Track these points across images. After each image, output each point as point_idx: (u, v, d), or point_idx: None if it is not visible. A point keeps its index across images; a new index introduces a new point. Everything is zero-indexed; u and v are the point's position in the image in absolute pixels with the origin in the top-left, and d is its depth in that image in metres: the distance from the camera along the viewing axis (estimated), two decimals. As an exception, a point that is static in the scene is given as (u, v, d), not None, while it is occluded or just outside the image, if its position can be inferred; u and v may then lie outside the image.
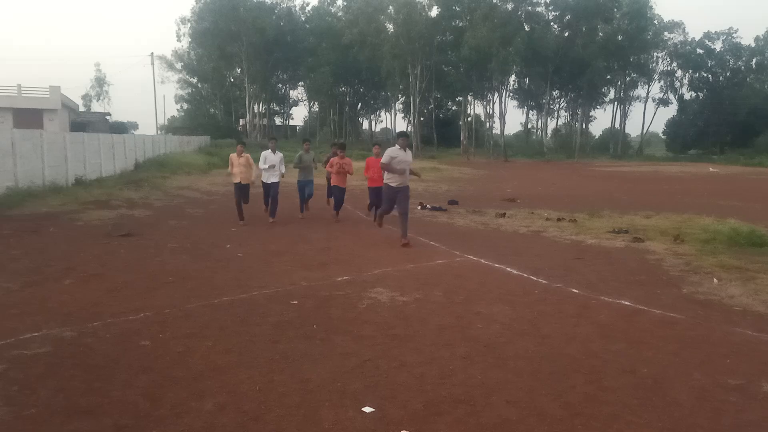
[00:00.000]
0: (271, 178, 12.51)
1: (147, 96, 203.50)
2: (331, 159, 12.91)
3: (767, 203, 18.74)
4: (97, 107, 69.66)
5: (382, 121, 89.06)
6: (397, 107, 77.61)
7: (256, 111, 70.52)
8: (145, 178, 21.29)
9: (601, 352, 4.99)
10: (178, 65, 75.33)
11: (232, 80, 74.40)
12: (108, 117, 58.47)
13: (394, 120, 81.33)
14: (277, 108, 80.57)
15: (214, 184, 22.08)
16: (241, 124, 72.79)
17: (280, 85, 77.51)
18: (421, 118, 68.30)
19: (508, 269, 8.23)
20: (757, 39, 74.71)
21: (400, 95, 71.58)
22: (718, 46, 75.07)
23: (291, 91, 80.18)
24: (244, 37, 61.86)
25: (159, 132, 60.63)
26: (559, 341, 5.26)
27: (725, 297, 6.83)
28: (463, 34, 59.69)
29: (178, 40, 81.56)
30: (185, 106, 79.56)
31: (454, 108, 76.91)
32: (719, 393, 4.16)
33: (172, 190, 19.15)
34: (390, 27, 61.09)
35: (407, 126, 71.03)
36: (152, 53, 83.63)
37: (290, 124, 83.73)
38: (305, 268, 8.09)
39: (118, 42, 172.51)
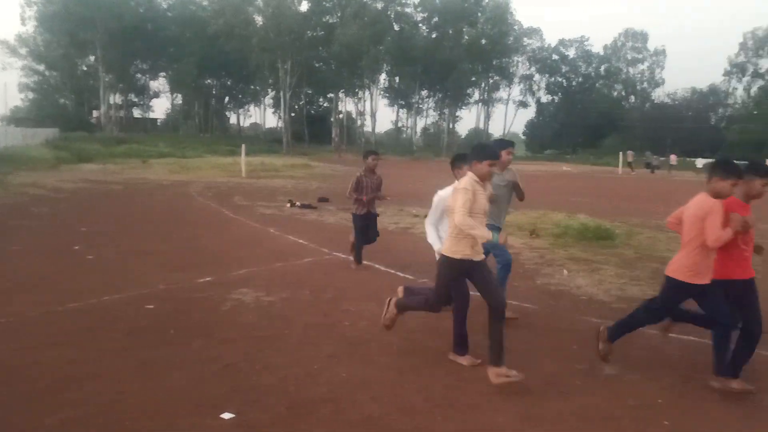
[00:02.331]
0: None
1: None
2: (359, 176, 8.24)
3: (612, 199, 20.57)
4: None
5: (251, 116, 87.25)
6: (266, 102, 76.33)
7: (111, 102, 65.89)
8: (-20, 174, 19.11)
9: (472, 344, 5.15)
10: (23, 51, 68.40)
11: (85, 69, 68.85)
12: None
13: (264, 115, 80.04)
14: (135, 99, 75.75)
15: (63, 181, 20.30)
16: (94, 115, 67.57)
17: (140, 75, 72.94)
18: (292, 114, 67.60)
19: (377, 266, 8.32)
20: (605, 47, 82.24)
21: (270, 90, 70.35)
22: (571, 52, 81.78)
23: (152, 82, 75.74)
24: (99, 24, 57.44)
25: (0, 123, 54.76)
26: (425, 335, 5.38)
27: (573, 287, 7.36)
28: (334, 30, 59.83)
29: (22, 24, 73.93)
30: (31, 95, 72.46)
31: (325, 104, 76.92)
32: (567, 377, 4.45)
33: (15, 188, 17.35)
34: (259, 19, 59.73)
35: (277, 122, 70.09)
36: (-9, 36, 75.32)
37: (150, 116, 79.17)
38: (164, 270, 7.64)
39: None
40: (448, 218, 4.57)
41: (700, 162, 49.83)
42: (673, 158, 44.48)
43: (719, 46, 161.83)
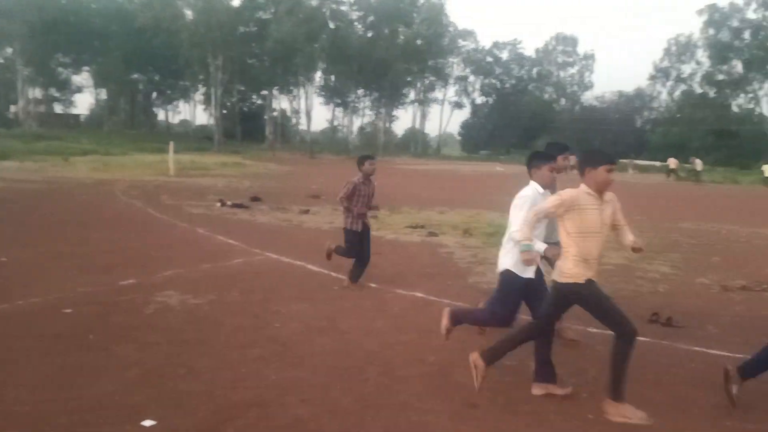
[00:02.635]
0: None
1: None
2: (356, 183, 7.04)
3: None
4: None
5: (180, 112, 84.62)
6: (197, 98, 74.33)
7: (30, 97, 62.50)
8: None
9: (394, 343, 5.15)
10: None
11: (2, 61, 65.05)
12: None
13: (194, 112, 77.96)
14: (57, 94, 72.10)
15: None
16: (12, 110, 63.96)
17: (61, 69, 69.46)
18: (224, 111, 66.14)
19: (309, 266, 8.21)
20: (537, 51, 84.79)
21: (200, 86, 68.53)
22: (504, 55, 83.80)
23: (74, 77, 72.24)
24: (17, 15, 54.26)
25: None
26: (356, 336, 5.33)
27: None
28: (268, 26, 58.94)
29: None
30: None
31: (259, 102, 75.66)
32: (498, 374, 4.50)
33: None
34: (189, 13, 58.07)
35: (208, 119, 68.44)
36: None
37: (73, 112, 75.53)
38: (85, 272, 7.28)
39: None
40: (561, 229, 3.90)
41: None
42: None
43: (645, 52, 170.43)
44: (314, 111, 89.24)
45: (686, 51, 72.52)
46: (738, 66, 65.43)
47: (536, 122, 76.57)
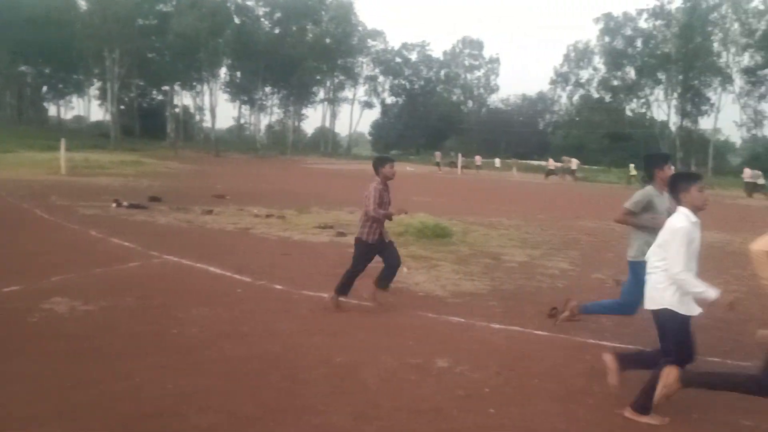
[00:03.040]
0: None
1: None
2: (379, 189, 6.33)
3: (450, 198, 21.64)
4: None
5: (73, 107, 79.61)
6: (92, 93, 70.35)
7: None
8: None
9: (299, 346, 5.04)
10: None
11: None
12: None
13: (89, 107, 73.69)
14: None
15: None
16: None
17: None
18: (122, 107, 62.93)
19: (211, 269, 7.90)
20: (445, 53, 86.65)
21: (95, 80, 64.86)
22: (413, 56, 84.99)
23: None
24: None
25: None
26: (260, 339, 5.17)
27: (412, 284, 7.54)
28: (169, 19, 56.66)
29: None
30: None
31: (160, 98, 72.54)
32: (402, 372, 4.50)
33: None
34: (83, 3, 54.77)
35: (104, 115, 64.90)
36: None
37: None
38: (-41, 280, 6.63)
39: None
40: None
41: (497, 161, 55.03)
42: (478, 159, 48.96)
43: (547, 57, 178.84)
44: (219, 108, 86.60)
45: (584, 57, 76.75)
46: (631, 72, 69.94)
47: (445, 123, 78.43)
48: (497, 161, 55.09)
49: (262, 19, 70.09)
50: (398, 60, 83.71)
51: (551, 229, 13.28)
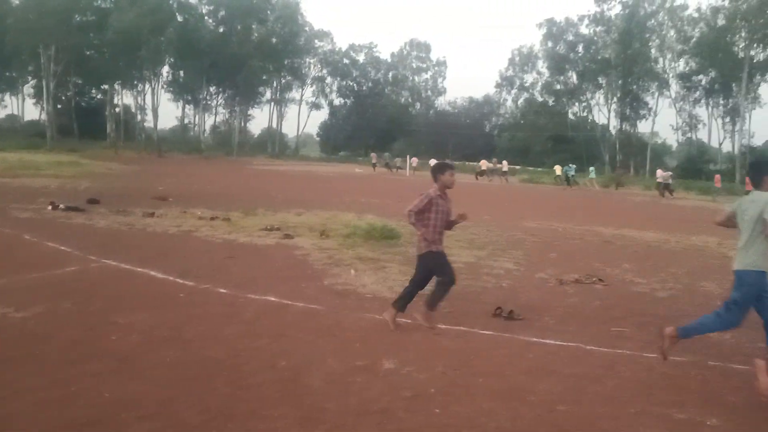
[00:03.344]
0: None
1: None
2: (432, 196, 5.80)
3: (397, 199, 21.68)
4: None
5: (6, 106, 75.73)
6: (26, 91, 67.32)
7: None
8: None
9: (244, 350, 4.96)
10: None
11: None
12: None
13: (23, 106, 70.48)
14: None
15: None
16: None
17: None
18: (58, 106, 60.52)
19: (153, 273, 7.68)
20: (392, 55, 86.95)
21: (30, 77, 62.11)
22: (361, 57, 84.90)
23: None
24: None
25: None
26: (203, 344, 5.06)
27: (359, 286, 7.52)
28: (109, 15, 54.85)
29: None
30: None
31: (99, 96, 70.00)
32: (348, 375, 4.48)
33: None
34: (16, -2, 52.48)
35: (40, 114, 62.24)
36: None
37: None
38: None
39: None
40: None
41: (432, 161, 55.66)
42: (414, 161, 49.86)
43: (494, 61, 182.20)
44: (162, 108, 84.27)
45: (528, 61, 78.51)
46: (573, 77, 72.03)
47: (393, 125, 78.71)
48: (432, 161, 55.75)
49: (206, 17, 68.62)
50: (346, 61, 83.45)
51: (497, 230, 13.51)
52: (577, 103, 73.66)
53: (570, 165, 40.69)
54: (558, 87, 73.70)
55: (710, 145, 66.29)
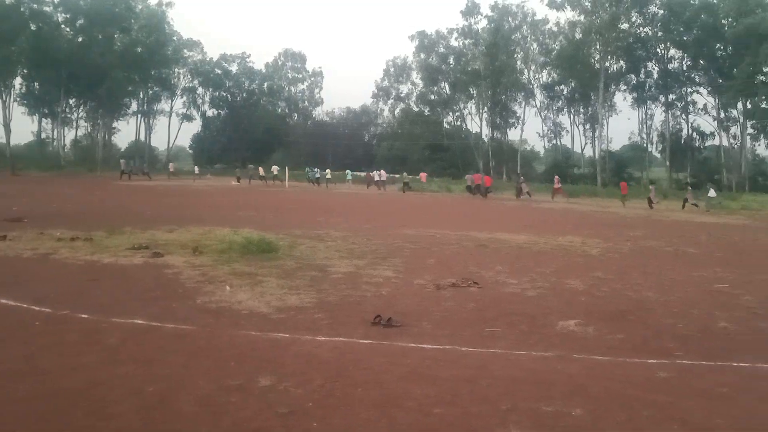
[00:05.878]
0: None
1: None
2: None
3: (276, 213, 21.33)
4: None
5: None
6: None
7: None
8: None
9: (107, 378, 4.59)
10: None
11: None
12: None
13: None
14: None
15: None
16: None
17: None
18: None
19: (3, 301, 6.96)
20: (267, 66, 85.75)
21: None
22: (234, 68, 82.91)
23: None
24: None
25: None
26: (61, 375, 4.63)
27: (235, 302, 7.25)
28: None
29: None
30: None
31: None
32: (221, 396, 4.29)
33: None
34: None
35: None
36: None
37: None
38: None
39: None
40: None
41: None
42: (275, 169, 51.07)
43: (370, 71, 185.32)
44: (15, 122, 77.16)
45: (403, 72, 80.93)
46: (446, 87, 75.05)
47: (271, 136, 77.74)
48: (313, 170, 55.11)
49: (63, 26, 63.91)
50: (218, 71, 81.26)
51: (376, 239, 13.66)
52: (451, 113, 77.01)
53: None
54: (432, 97, 76.60)
55: (574, 150, 71.88)
